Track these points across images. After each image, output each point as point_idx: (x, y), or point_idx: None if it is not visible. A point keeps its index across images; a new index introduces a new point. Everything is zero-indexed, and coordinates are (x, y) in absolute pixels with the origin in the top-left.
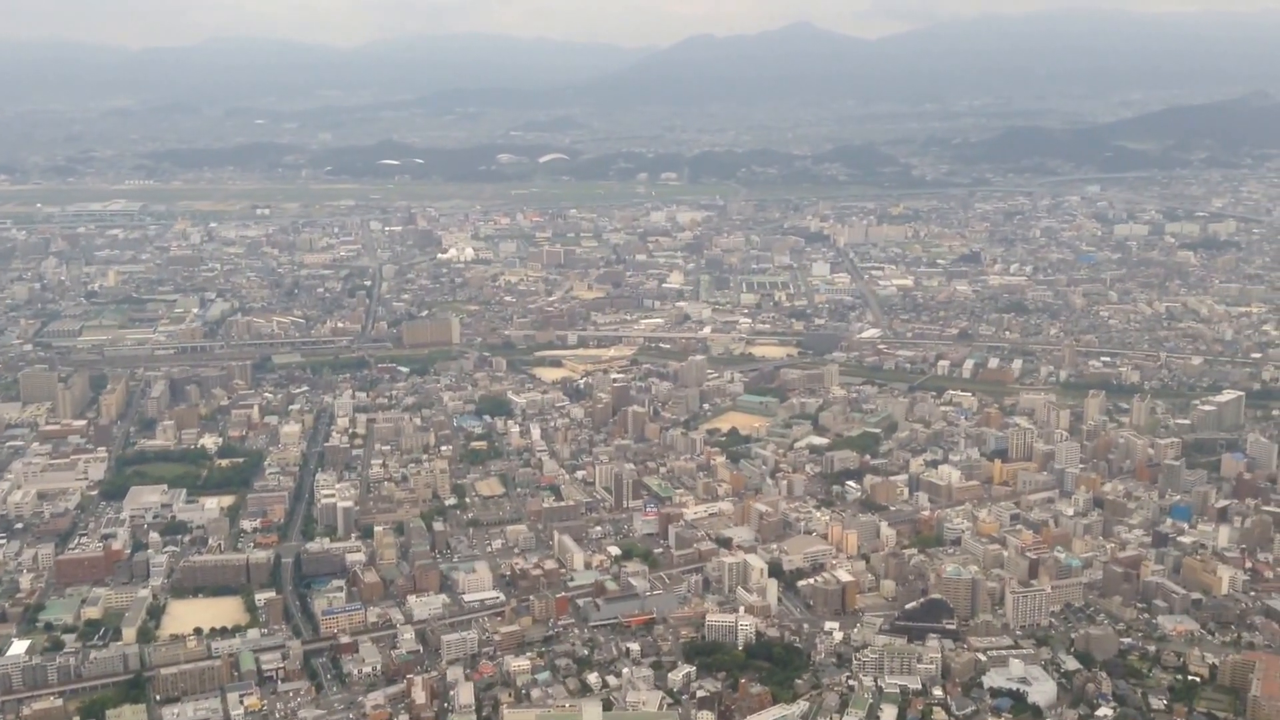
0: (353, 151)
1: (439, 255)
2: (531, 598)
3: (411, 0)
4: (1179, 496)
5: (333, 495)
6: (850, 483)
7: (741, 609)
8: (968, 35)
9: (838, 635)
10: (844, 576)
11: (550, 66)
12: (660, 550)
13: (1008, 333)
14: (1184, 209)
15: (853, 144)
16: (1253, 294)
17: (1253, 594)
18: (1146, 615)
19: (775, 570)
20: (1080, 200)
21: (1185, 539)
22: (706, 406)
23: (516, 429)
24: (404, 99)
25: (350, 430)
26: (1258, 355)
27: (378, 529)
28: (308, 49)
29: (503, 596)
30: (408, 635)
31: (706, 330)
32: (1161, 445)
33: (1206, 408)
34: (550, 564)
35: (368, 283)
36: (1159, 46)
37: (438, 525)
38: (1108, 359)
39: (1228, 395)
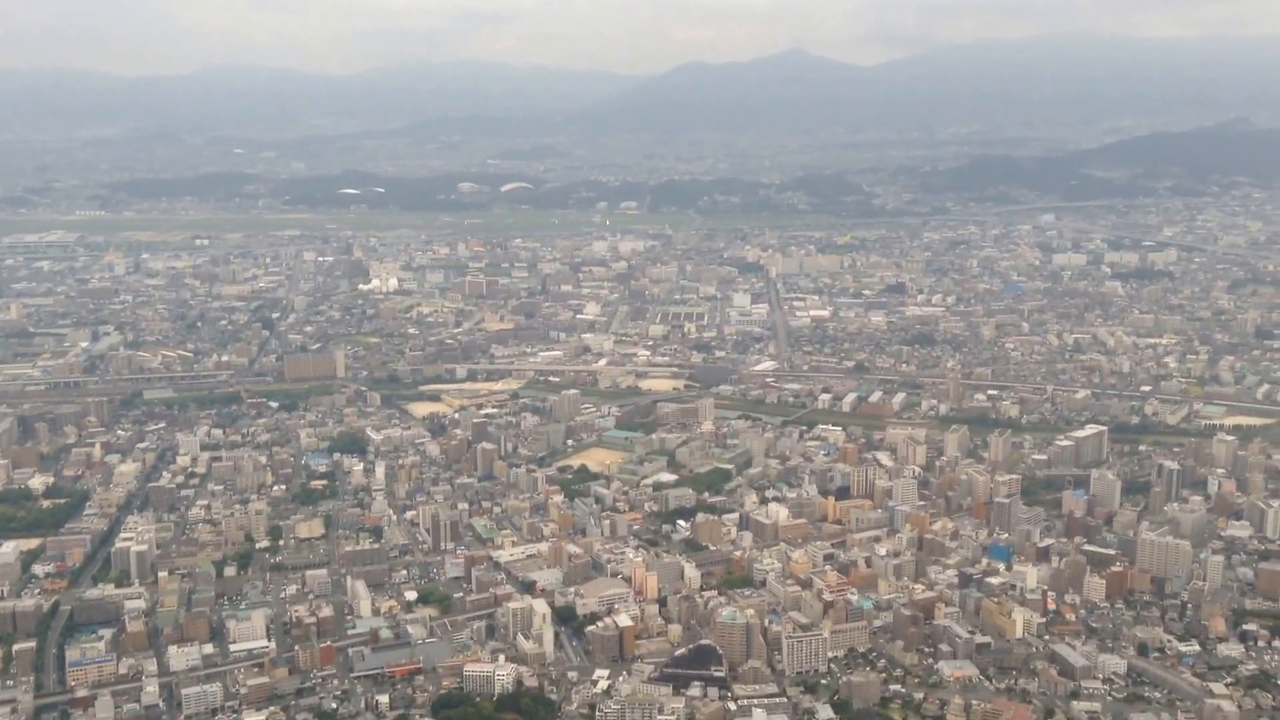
0: (316, 181)
1: (361, 286)
2: (297, 647)
3: (409, 28)
4: (1005, 535)
5: (130, 538)
6: (681, 522)
7: (502, 658)
8: (963, 62)
9: (603, 684)
10: (623, 621)
11: (543, 94)
12: (461, 595)
13: (905, 365)
14: (1131, 238)
15: (821, 173)
16: (1167, 325)
17: (1046, 638)
18: (931, 660)
19: (568, 615)
20: (1031, 229)
21: (996, 580)
22: (571, 442)
23: (360, 467)
24: (391, 127)
25: (189, 469)
26: (1147, 388)
27: (162, 574)
28: (303, 78)
29: (273, 646)
30: (151, 688)
31: (601, 363)
32: (999, 482)
33: (1064, 443)
34: (327, 611)
35: (276, 315)
36: (1155, 73)
37: (231, 570)
38: (995, 392)
39: (1090, 430)
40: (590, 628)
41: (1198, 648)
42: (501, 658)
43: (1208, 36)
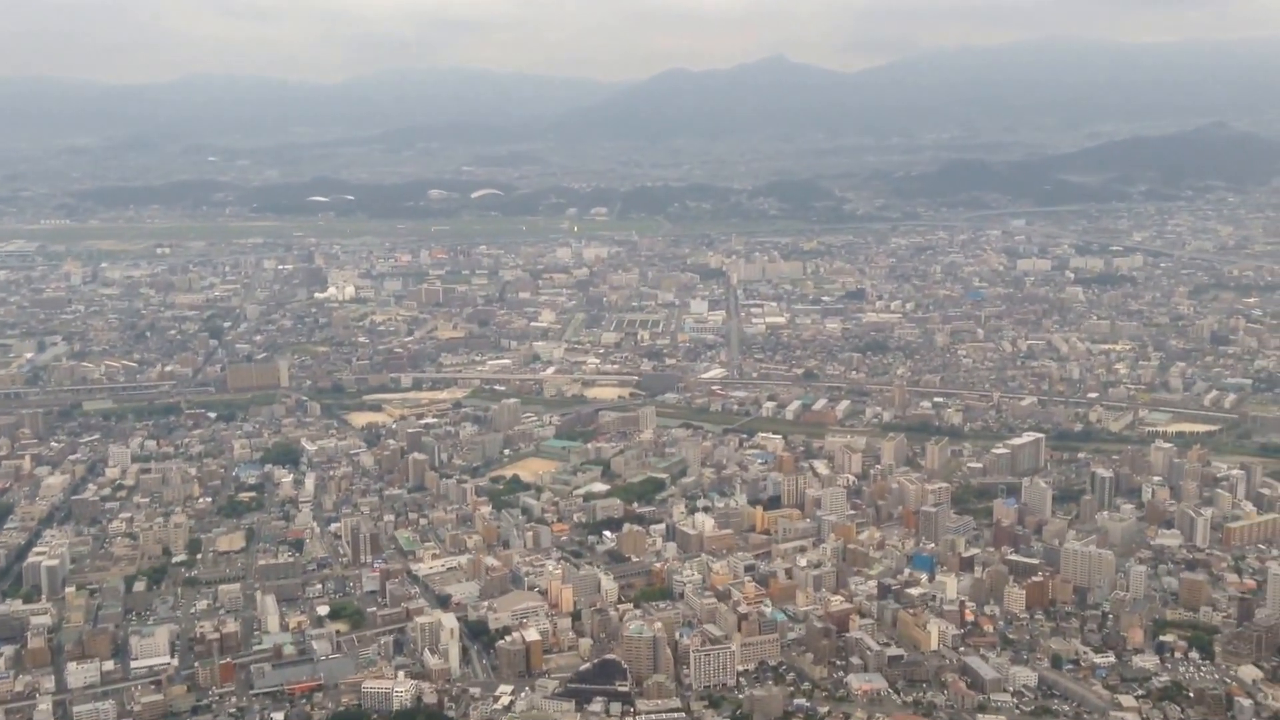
0: (285, 189)
1: (317, 294)
2: (197, 664)
3: (391, 36)
4: (930, 545)
5: (43, 553)
6: (607, 533)
7: (402, 674)
8: (946, 67)
9: (505, 699)
10: (531, 635)
11: (524, 101)
12: (374, 609)
13: (855, 372)
14: (1099, 243)
15: (794, 178)
16: (1123, 331)
17: (961, 650)
18: (841, 673)
19: (480, 629)
20: (1000, 234)
21: (916, 590)
22: (508, 452)
23: (290, 479)
24: (369, 135)
25: (118, 481)
26: (1094, 395)
27: (69, 590)
28: (284, 86)
29: (174, 662)
30: (43, 707)
31: (549, 371)
32: (928, 491)
33: (1000, 451)
34: (232, 627)
35: (227, 324)
36: (1136, 77)
37: (141, 586)
38: (940, 399)
39: (1027, 437)
40: (499, 642)
41: (1113, 659)
42: (401, 674)
43: (1190, 40)
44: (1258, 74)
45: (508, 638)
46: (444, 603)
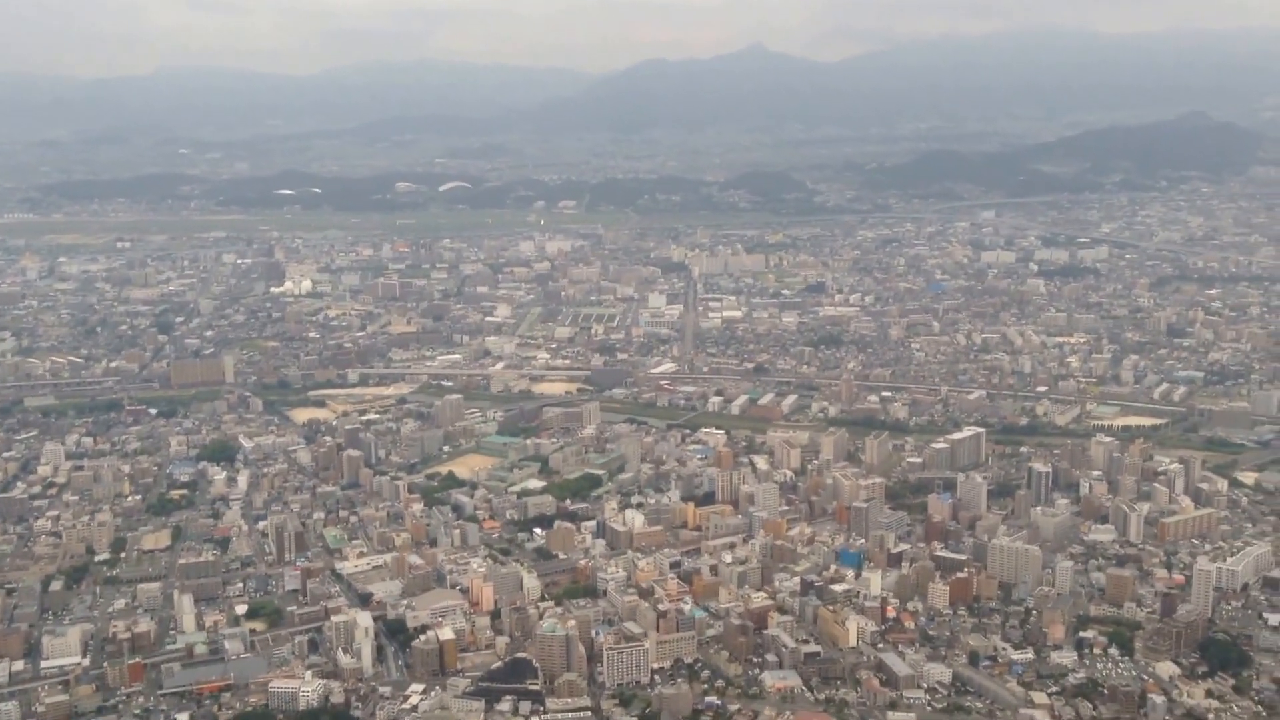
0: (253, 182)
1: (273, 289)
2: (106, 664)
3: (369, 28)
4: (860, 541)
5: None
6: (538, 530)
7: (309, 674)
8: (926, 57)
9: (415, 699)
10: (445, 634)
11: (503, 92)
12: (294, 608)
13: (806, 366)
14: (1067, 235)
15: (766, 170)
16: (1080, 323)
17: (879, 646)
18: (757, 670)
19: (399, 628)
20: (968, 226)
21: (840, 587)
22: (447, 448)
23: (223, 476)
24: (344, 127)
25: (49, 479)
26: (1043, 389)
27: None
28: (262, 78)
29: (84, 662)
30: None
31: (498, 366)
32: (862, 487)
33: (939, 445)
34: (144, 627)
35: (180, 319)
36: (1118, 67)
37: (59, 585)
38: (889, 394)
39: (967, 432)
40: (414, 642)
41: (1031, 656)
42: (309, 673)
43: (1171, 30)
44: (1239, 63)
45: (422, 637)
46: (365, 601)
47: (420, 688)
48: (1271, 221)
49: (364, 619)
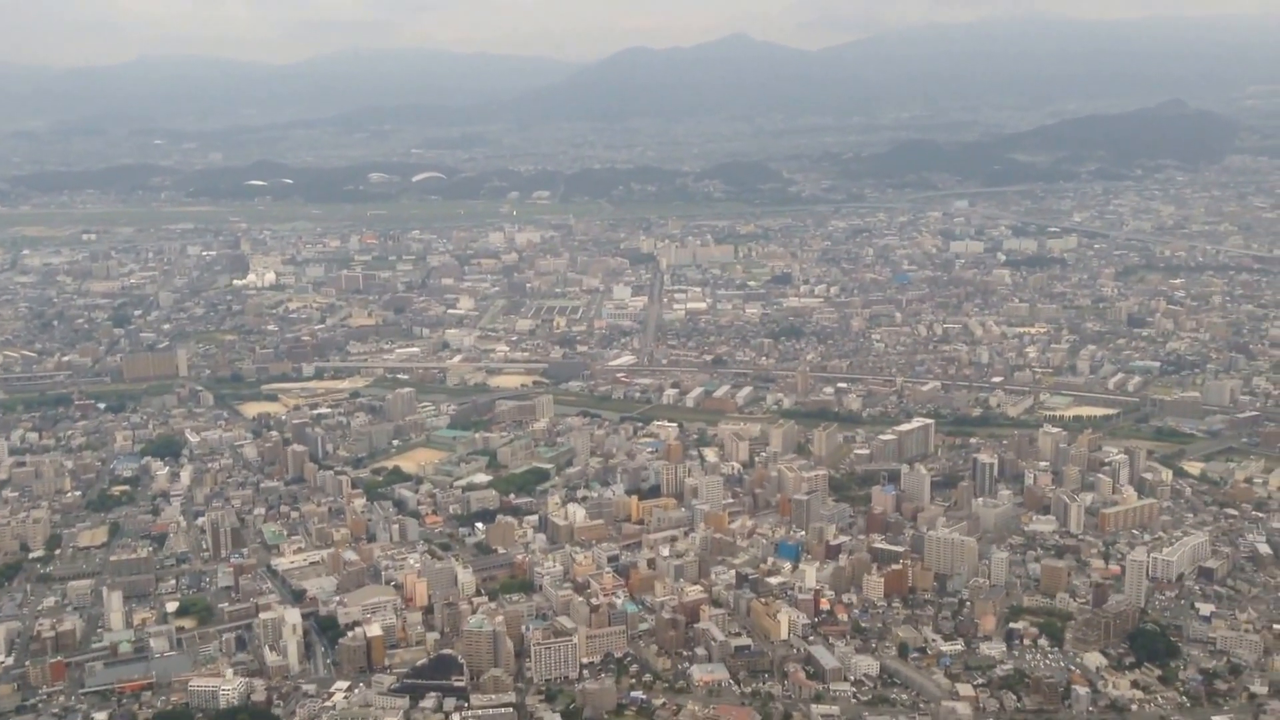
0: (225, 172)
1: (235, 281)
2: (28, 662)
3: (351, 17)
4: (801, 533)
5: None
6: (480, 525)
7: (230, 671)
8: (909, 45)
9: (338, 697)
10: (373, 631)
11: (485, 81)
12: (225, 605)
13: (765, 358)
14: (1038, 224)
15: (743, 160)
16: (1041, 313)
17: (810, 639)
18: (688, 664)
19: (330, 625)
20: (941, 216)
21: (776, 579)
22: (397, 442)
23: (165, 471)
24: (323, 117)
25: None
26: (998, 379)
27: None
28: (241, 66)
29: (9, 661)
30: None
31: (456, 359)
32: (805, 479)
33: (887, 437)
34: (69, 625)
35: (139, 312)
36: (1101, 55)
37: None
38: (844, 385)
39: (916, 423)
40: (341, 639)
41: (961, 647)
42: (230, 671)
43: (1154, 18)
44: (1221, 51)
45: (350, 633)
46: (299, 598)
47: (345, 685)
48: (1242, 210)
49: (292, 616)
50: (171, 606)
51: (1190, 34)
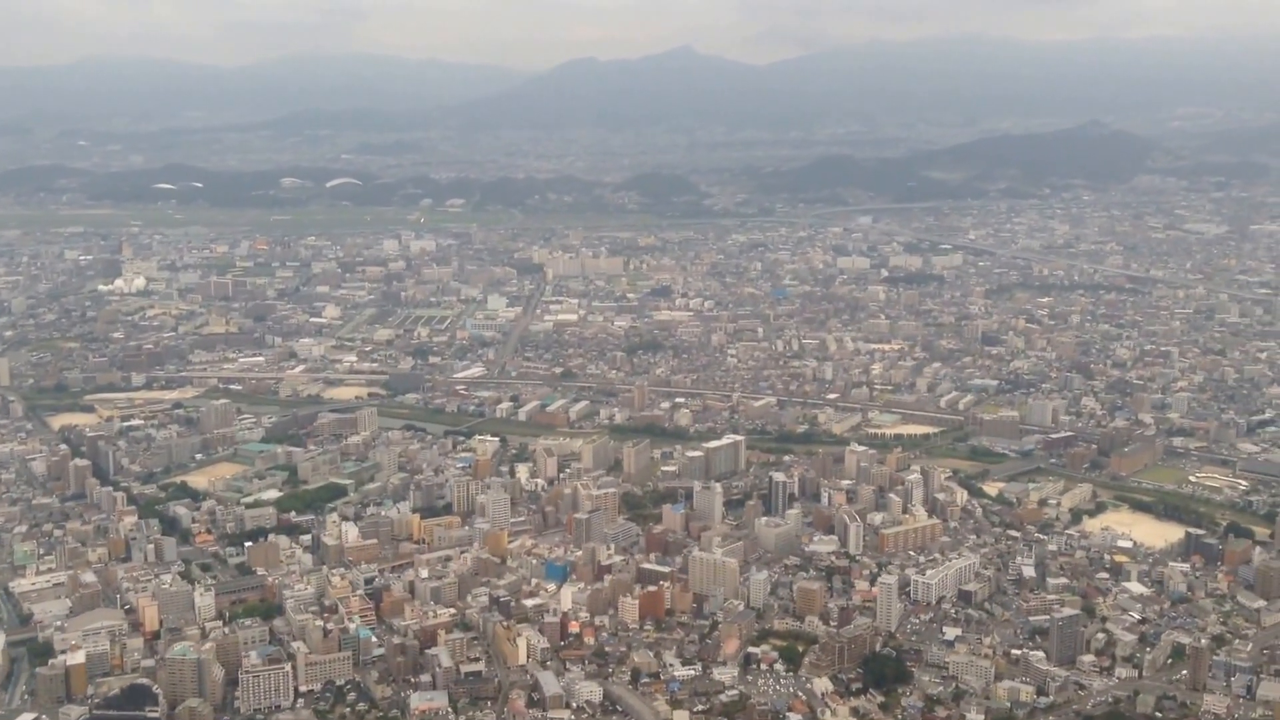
0: (136, 175)
1: (101, 287)
2: None
3: (298, 21)
4: (577, 553)
5: None
6: (249, 544)
7: None
8: (854, 61)
9: None
10: (75, 659)
11: (431, 88)
12: None
13: (615, 372)
14: (931, 241)
15: (665, 172)
16: (900, 330)
17: (548, 664)
18: (411, 691)
19: (45, 651)
20: (841, 231)
21: (533, 601)
22: (200, 456)
23: None
24: (261, 120)
25: None
26: (834, 396)
27: None
28: (185, 68)
29: None
30: None
31: (296, 370)
32: (594, 497)
33: (694, 454)
34: None
35: None
36: (1037, 75)
37: None
38: (681, 400)
39: (726, 440)
40: (39, 668)
41: (695, 672)
42: None
43: (1091, 39)
44: (1153, 74)
45: (51, 661)
46: (25, 622)
47: (32, 717)
48: (1134, 230)
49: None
50: None
51: (1126, 56)
